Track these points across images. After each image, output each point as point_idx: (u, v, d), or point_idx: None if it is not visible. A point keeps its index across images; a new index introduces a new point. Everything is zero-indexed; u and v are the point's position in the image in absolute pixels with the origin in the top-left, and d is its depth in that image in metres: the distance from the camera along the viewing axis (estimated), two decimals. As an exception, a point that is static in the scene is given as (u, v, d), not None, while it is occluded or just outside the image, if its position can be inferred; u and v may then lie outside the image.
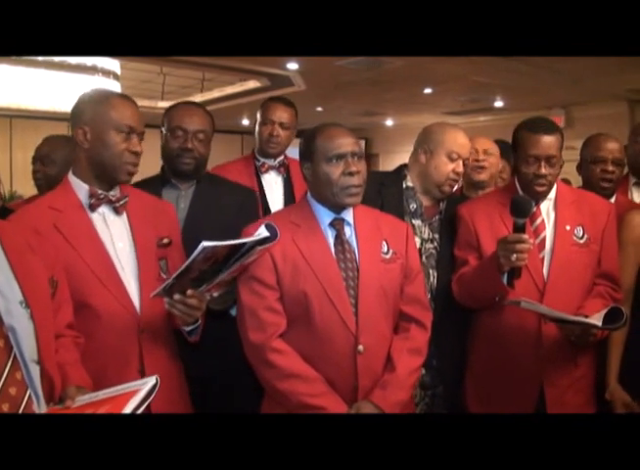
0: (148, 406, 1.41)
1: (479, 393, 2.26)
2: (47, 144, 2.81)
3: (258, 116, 2.99)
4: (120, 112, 1.80)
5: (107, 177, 1.81)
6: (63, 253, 1.69)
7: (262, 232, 1.67)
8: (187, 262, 1.55)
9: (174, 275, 1.59)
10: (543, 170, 2.11)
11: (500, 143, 3.05)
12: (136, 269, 1.81)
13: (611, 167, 2.63)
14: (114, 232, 1.82)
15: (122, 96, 1.88)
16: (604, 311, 1.95)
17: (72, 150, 2.84)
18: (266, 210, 2.81)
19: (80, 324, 1.69)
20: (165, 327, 1.86)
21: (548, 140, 2.11)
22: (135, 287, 1.79)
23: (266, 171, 2.93)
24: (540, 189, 2.15)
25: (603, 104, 8.42)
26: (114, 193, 1.85)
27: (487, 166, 2.93)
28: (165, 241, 1.89)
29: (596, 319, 1.94)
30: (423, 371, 2.22)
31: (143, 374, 1.75)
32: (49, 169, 2.72)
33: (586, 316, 2.00)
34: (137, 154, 1.82)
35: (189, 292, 1.65)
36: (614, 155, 2.64)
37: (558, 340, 2.11)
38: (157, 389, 1.42)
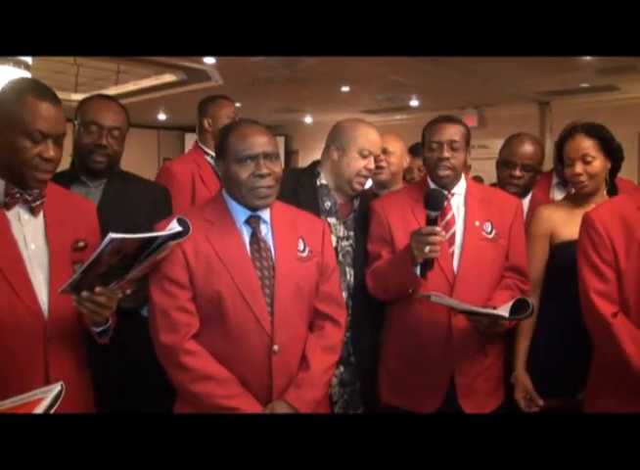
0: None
1: (392, 384, 2.30)
2: None
3: (214, 111, 3.06)
4: (33, 114, 1.63)
5: (17, 181, 1.70)
6: None
7: (174, 227, 1.63)
8: (94, 255, 1.49)
9: (81, 269, 1.53)
10: (446, 153, 2.21)
11: (418, 143, 3.10)
12: (47, 272, 1.72)
13: (518, 173, 2.61)
14: (28, 232, 1.72)
15: (41, 94, 1.68)
16: (511, 303, 2.02)
17: None
18: None
19: None
20: (74, 334, 1.77)
21: (449, 127, 2.25)
22: (45, 291, 1.70)
23: None
24: (443, 173, 2.23)
25: (514, 105, 8.74)
26: (32, 192, 1.73)
27: (386, 166, 2.98)
28: (81, 244, 1.80)
29: (503, 310, 2.01)
30: (342, 369, 2.24)
31: (48, 383, 1.65)
32: None
33: (494, 308, 2.07)
34: (50, 160, 1.67)
35: (97, 289, 1.58)
36: (523, 161, 2.61)
37: (467, 331, 2.18)
38: (62, 395, 1.37)
